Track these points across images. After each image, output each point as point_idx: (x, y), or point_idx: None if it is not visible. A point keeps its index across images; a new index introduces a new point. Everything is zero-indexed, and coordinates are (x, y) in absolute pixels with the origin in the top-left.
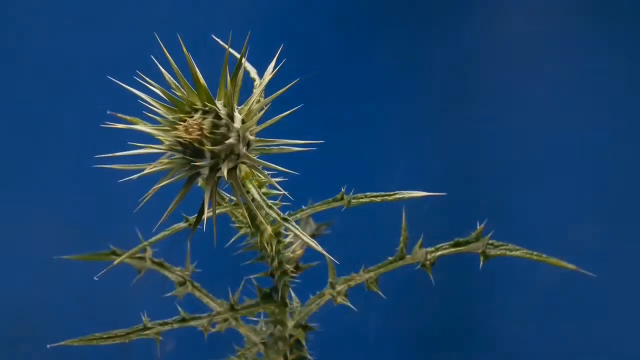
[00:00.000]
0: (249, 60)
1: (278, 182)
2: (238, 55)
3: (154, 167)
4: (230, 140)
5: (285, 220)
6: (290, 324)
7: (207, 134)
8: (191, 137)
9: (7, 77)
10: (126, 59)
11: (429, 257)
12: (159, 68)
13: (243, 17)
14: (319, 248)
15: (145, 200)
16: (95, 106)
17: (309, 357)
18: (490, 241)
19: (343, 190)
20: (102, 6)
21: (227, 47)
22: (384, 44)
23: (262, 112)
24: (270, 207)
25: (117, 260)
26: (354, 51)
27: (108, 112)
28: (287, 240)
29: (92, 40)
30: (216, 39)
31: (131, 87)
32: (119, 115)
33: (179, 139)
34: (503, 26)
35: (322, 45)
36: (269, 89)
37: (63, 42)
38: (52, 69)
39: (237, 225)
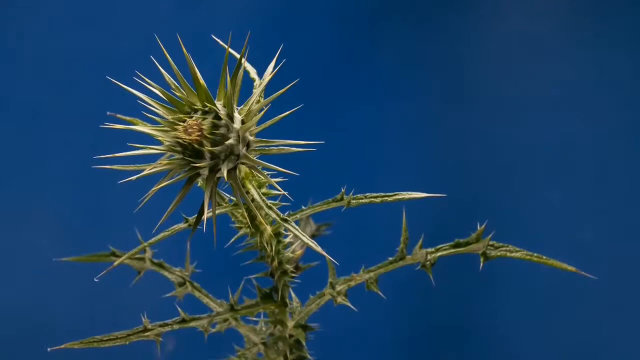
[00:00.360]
0: (248, 60)
1: (278, 183)
2: (238, 55)
3: (154, 167)
4: (230, 141)
5: (285, 220)
6: (290, 324)
7: (207, 135)
8: (191, 137)
9: (7, 76)
10: (126, 59)
11: (429, 257)
12: (158, 68)
13: (243, 17)
14: (319, 249)
15: (145, 201)
16: (95, 106)
17: (309, 357)
18: (491, 242)
19: (343, 190)
20: (102, 6)
21: (227, 47)
22: (384, 43)
23: (262, 112)
24: (269, 208)
25: (117, 262)
26: (354, 51)
27: (108, 113)
28: (287, 240)
29: (92, 40)
30: (216, 39)
31: (131, 87)
32: (119, 116)
33: (178, 140)
34: (502, 26)
35: (322, 45)
36: (268, 89)
37: (63, 42)
38: (52, 69)
39: (237, 225)
